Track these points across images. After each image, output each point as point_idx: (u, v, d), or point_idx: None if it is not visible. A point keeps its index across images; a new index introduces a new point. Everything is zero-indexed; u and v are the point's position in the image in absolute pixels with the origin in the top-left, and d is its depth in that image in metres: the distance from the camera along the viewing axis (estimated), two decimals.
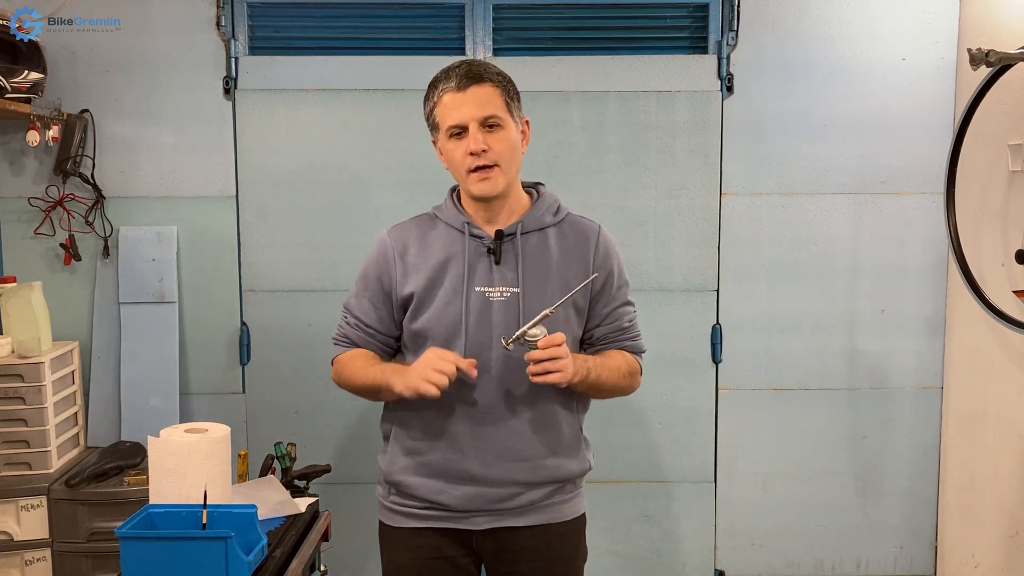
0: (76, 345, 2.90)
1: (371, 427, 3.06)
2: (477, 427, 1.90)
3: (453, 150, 1.87)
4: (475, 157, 1.84)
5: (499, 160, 1.86)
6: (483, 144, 1.83)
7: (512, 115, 1.89)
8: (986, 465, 2.87)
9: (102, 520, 2.57)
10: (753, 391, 3.10)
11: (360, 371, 1.94)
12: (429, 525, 1.96)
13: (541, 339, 1.78)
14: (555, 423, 1.95)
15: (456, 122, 1.85)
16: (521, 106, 1.94)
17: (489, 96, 1.85)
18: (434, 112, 1.90)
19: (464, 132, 1.85)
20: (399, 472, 1.96)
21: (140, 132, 2.96)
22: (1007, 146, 2.68)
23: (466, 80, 1.85)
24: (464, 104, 1.84)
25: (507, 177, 1.88)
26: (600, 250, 1.97)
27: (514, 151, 1.89)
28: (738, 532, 3.15)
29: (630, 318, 2.03)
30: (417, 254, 1.94)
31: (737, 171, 3.03)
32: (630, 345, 2.03)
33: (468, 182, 1.88)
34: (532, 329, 1.78)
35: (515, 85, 1.93)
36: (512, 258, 1.91)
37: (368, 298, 1.98)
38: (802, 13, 2.99)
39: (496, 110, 1.85)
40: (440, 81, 1.89)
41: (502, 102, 1.87)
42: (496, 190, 1.87)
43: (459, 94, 1.85)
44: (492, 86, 1.86)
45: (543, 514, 1.97)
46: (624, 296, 2.02)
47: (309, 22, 3.00)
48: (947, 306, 3.08)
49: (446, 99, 1.86)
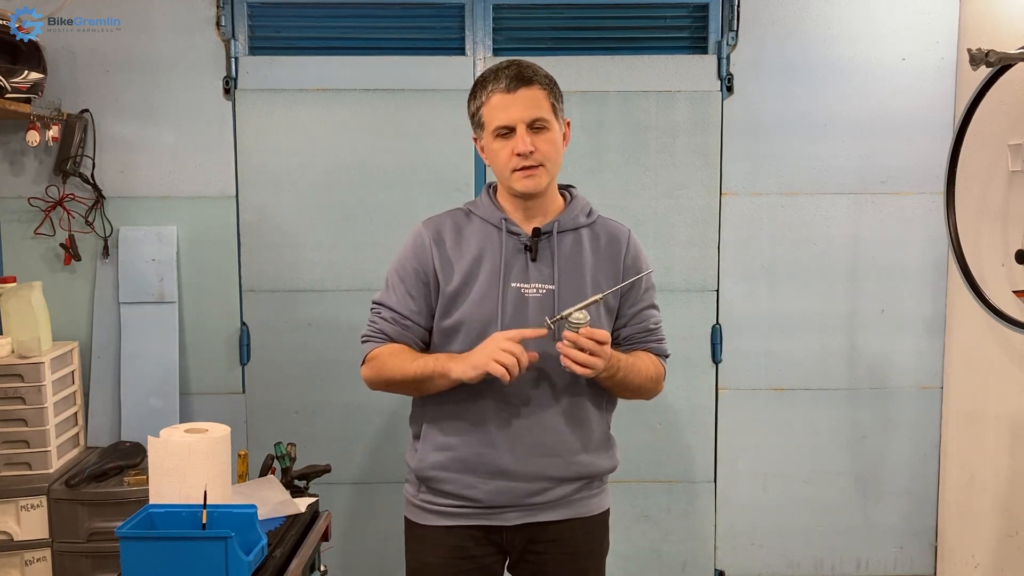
0: (76, 345, 2.90)
1: (371, 427, 3.07)
2: (510, 422, 1.91)
3: (499, 149, 1.90)
4: (521, 158, 1.87)
5: (544, 160, 1.89)
6: (530, 146, 1.86)
7: (557, 117, 1.92)
8: (986, 465, 2.87)
9: (102, 520, 2.57)
10: (753, 391, 3.10)
11: (408, 362, 1.90)
12: (459, 523, 1.96)
13: (584, 326, 1.78)
14: (586, 420, 1.96)
15: (504, 123, 1.87)
16: (563, 107, 1.96)
17: (537, 99, 1.88)
18: (481, 111, 1.92)
19: (511, 132, 1.87)
20: (430, 467, 1.96)
21: (140, 132, 2.96)
22: (1007, 146, 2.68)
23: (516, 82, 1.87)
24: (513, 105, 1.86)
25: (550, 175, 1.92)
26: (631, 252, 2.01)
27: (558, 152, 1.93)
28: (738, 532, 3.15)
29: (656, 320, 2.05)
30: (453, 247, 1.95)
31: (737, 171, 3.03)
32: (655, 347, 2.04)
33: (512, 179, 1.90)
34: (577, 313, 1.79)
35: (559, 87, 1.95)
36: (548, 256, 1.93)
37: (404, 290, 1.96)
38: (802, 13, 2.99)
39: (543, 112, 1.88)
40: (489, 81, 1.90)
41: (549, 104, 1.90)
42: (539, 187, 1.90)
43: (508, 95, 1.87)
44: (540, 88, 1.89)
45: (571, 508, 1.98)
46: (651, 299, 2.05)
47: (309, 22, 3.00)
48: (947, 306, 3.08)
49: (495, 99, 1.88)
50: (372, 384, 2.00)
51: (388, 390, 1.99)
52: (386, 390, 2.00)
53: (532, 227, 1.94)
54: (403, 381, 1.92)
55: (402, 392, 1.99)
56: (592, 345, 1.78)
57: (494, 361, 1.77)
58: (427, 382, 1.90)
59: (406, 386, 1.94)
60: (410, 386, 1.94)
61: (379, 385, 1.98)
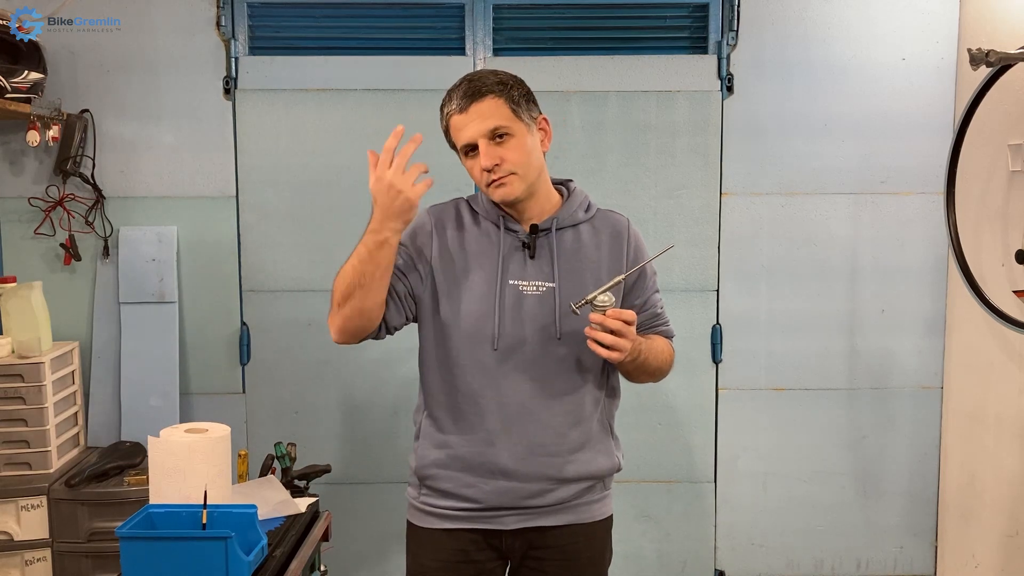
0: (76, 345, 2.90)
1: (371, 427, 3.07)
2: (508, 421, 1.90)
3: (472, 168, 1.90)
4: (489, 172, 1.86)
5: (515, 168, 1.87)
6: (495, 159, 1.85)
7: (522, 119, 1.88)
8: (986, 465, 2.87)
9: (102, 520, 2.57)
10: (753, 391, 3.10)
11: (348, 260, 1.83)
12: (459, 526, 1.95)
13: (610, 307, 1.78)
14: (586, 418, 1.95)
15: (465, 142, 1.88)
16: (534, 105, 1.93)
17: (491, 109, 1.86)
18: (448, 136, 1.94)
19: (476, 149, 1.87)
20: (430, 466, 1.95)
21: (140, 132, 2.96)
22: (1007, 146, 2.68)
23: (466, 99, 1.87)
24: (469, 123, 1.86)
25: (526, 181, 1.89)
26: (632, 242, 2.01)
27: (530, 156, 1.89)
28: (738, 532, 3.15)
29: (661, 304, 2.07)
30: (453, 238, 1.95)
31: (737, 171, 3.03)
32: (664, 330, 2.06)
33: (489, 192, 1.91)
34: (602, 295, 1.78)
35: (523, 87, 1.92)
36: (547, 253, 1.93)
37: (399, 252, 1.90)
38: (802, 13, 2.99)
39: (501, 120, 1.86)
40: (445, 104, 1.92)
41: (507, 111, 1.87)
42: (514, 195, 1.88)
43: (462, 115, 1.87)
44: (493, 98, 1.87)
45: (572, 514, 1.97)
46: (655, 284, 2.06)
47: (309, 22, 3.01)
48: (947, 306, 3.08)
49: (453, 121, 1.89)
50: (334, 319, 1.85)
51: (351, 312, 1.82)
52: (352, 315, 1.83)
53: (530, 225, 1.94)
54: (352, 280, 1.81)
55: (363, 302, 1.82)
56: (620, 325, 1.76)
57: (378, 192, 1.76)
58: (368, 261, 1.79)
59: (358, 285, 1.80)
60: (359, 280, 1.80)
61: (340, 309, 1.83)
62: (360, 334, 1.89)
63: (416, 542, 2.01)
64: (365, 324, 1.87)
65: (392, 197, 1.75)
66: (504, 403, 1.90)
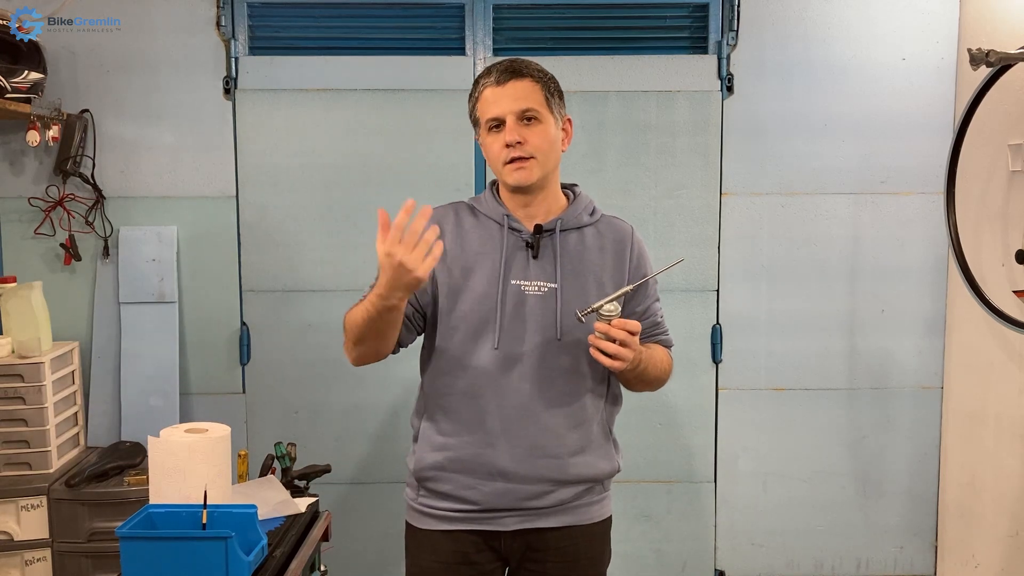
0: (76, 345, 2.90)
1: (371, 427, 3.07)
2: (508, 422, 1.89)
3: (491, 143, 1.89)
4: (511, 149, 1.85)
5: (535, 153, 1.87)
6: (519, 136, 1.85)
7: (552, 111, 1.90)
8: (986, 465, 2.87)
9: (102, 520, 2.57)
10: (753, 391, 3.10)
11: (358, 308, 1.83)
12: (457, 528, 1.94)
13: (615, 317, 1.78)
14: (586, 421, 1.95)
15: (494, 115, 1.87)
16: (563, 104, 1.94)
17: (528, 90, 1.87)
18: (475, 108, 1.92)
19: (502, 125, 1.86)
20: (428, 468, 1.94)
21: (140, 132, 2.96)
22: (1007, 146, 2.68)
23: (506, 75, 1.87)
24: (502, 98, 1.86)
25: (543, 169, 1.89)
26: (635, 250, 2.00)
27: (552, 146, 1.90)
28: (738, 532, 3.15)
29: (661, 313, 2.06)
30: (452, 240, 1.93)
31: (737, 171, 3.03)
32: (663, 339, 2.05)
33: (504, 173, 1.89)
34: (608, 304, 1.78)
35: (558, 84, 1.94)
36: (550, 254, 1.92)
37: None
38: (802, 13, 2.99)
39: (534, 104, 1.87)
40: (482, 77, 1.91)
41: (541, 97, 1.88)
42: (530, 179, 1.88)
43: (498, 88, 1.87)
44: (532, 81, 1.88)
45: (572, 515, 1.96)
46: (656, 292, 2.06)
47: (309, 22, 3.00)
48: (947, 306, 3.08)
49: (486, 94, 1.88)
50: (349, 352, 1.89)
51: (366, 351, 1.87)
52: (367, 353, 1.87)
53: (534, 224, 1.93)
54: (364, 330, 1.82)
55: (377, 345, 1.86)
56: (624, 335, 1.76)
57: (387, 267, 1.66)
58: (378, 320, 1.78)
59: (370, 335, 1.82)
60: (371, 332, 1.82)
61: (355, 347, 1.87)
62: (377, 360, 1.93)
63: (415, 543, 2.01)
64: (380, 355, 1.91)
65: (402, 274, 1.68)
66: (504, 404, 1.89)
